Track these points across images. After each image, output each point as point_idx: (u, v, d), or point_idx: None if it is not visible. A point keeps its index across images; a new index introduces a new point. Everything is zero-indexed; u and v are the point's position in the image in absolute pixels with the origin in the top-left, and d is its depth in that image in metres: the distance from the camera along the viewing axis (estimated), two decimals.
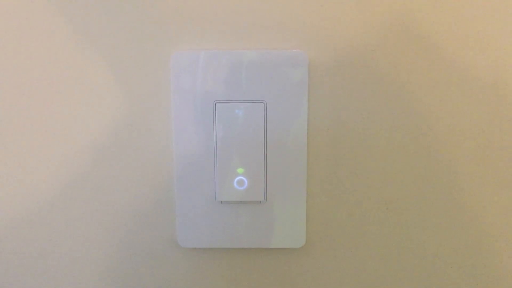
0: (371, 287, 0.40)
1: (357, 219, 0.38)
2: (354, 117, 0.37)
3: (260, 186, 0.36)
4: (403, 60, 0.36)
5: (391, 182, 0.38)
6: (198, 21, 0.35)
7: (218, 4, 0.35)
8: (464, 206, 0.38)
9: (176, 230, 0.38)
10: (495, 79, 0.36)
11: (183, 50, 0.36)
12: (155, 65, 0.36)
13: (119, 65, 0.36)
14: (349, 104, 0.36)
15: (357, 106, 0.36)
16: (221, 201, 0.37)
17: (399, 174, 0.37)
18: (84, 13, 0.35)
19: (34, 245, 0.39)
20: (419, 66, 0.36)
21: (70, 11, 0.35)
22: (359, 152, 0.37)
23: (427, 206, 0.38)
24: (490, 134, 0.36)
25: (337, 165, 0.37)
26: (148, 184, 0.38)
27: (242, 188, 0.36)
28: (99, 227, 0.39)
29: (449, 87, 0.36)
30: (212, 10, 0.35)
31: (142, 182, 0.38)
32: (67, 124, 0.37)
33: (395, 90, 0.36)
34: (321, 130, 0.37)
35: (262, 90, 0.35)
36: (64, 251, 0.39)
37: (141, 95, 0.36)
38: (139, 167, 0.37)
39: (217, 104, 0.36)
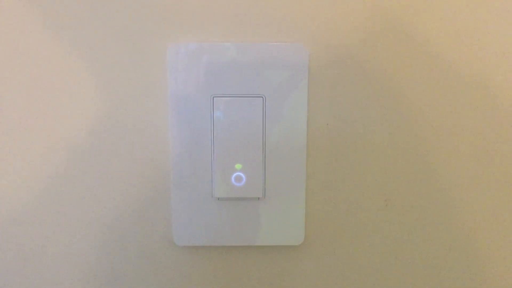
0: (371, 284, 0.39)
1: (356, 216, 0.38)
2: (354, 112, 0.36)
3: (259, 182, 0.36)
4: (404, 54, 0.35)
5: (390, 178, 0.37)
6: (196, 13, 0.34)
7: None
8: (462, 203, 0.38)
9: (172, 228, 0.37)
10: (491, 77, 0.35)
11: (180, 42, 0.35)
12: (151, 57, 0.35)
13: (114, 57, 0.35)
14: (349, 98, 0.36)
15: (357, 101, 0.36)
16: (218, 198, 0.36)
17: (399, 170, 0.37)
18: (79, 3, 0.34)
19: (26, 244, 0.38)
20: (419, 61, 0.35)
21: (63, 2, 0.34)
22: (359, 148, 0.37)
23: (426, 202, 0.38)
24: (487, 131, 0.36)
25: (336, 161, 0.37)
26: (143, 180, 0.37)
27: (240, 185, 0.36)
28: (92, 225, 0.38)
29: (448, 82, 0.36)
30: (211, 1, 0.34)
31: (136, 178, 0.37)
32: (60, 120, 0.36)
33: (396, 85, 0.36)
34: (321, 125, 0.36)
35: (260, 84, 0.35)
36: (56, 249, 0.38)
37: (137, 88, 0.35)
38: (133, 162, 0.36)
39: (214, 98, 0.35)
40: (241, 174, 0.35)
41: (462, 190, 0.37)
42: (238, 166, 0.35)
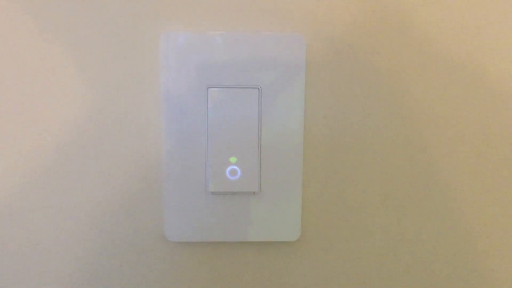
0: (368, 281, 0.38)
1: (354, 211, 0.37)
2: (353, 105, 0.35)
3: (254, 176, 0.35)
4: (404, 46, 0.35)
5: (390, 173, 0.37)
6: (190, 0, 0.33)
7: None
8: (461, 200, 0.37)
9: (163, 223, 0.36)
10: (493, 72, 0.35)
11: (173, 30, 0.34)
12: (143, 46, 0.34)
13: (104, 47, 0.34)
14: (348, 90, 0.35)
15: (355, 93, 0.35)
16: (212, 192, 0.35)
17: (398, 165, 0.36)
18: None
19: (13, 239, 0.37)
20: (419, 53, 0.35)
21: None
22: (358, 141, 0.36)
23: (426, 199, 0.37)
24: (488, 127, 0.36)
25: (334, 155, 0.36)
26: (133, 173, 0.36)
27: (235, 178, 0.35)
28: (81, 220, 0.36)
29: (449, 76, 0.35)
30: None
31: (127, 171, 0.36)
32: (49, 112, 0.34)
33: (396, 77, 0.35)
34: (318, 118, 0.35)
35: (257, 74, 0.34)
36: (43, 245, 0.37)
37: (128, 79, 0.34)
38: (124, 155, 0.35)
39: (209, 89, 0.34)
40: (236, 167, 0.35)
41: (462, 187, 0.37)
42: (233, 159, 0.34)
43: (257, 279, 0.38)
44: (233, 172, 0.35)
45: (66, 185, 0.36)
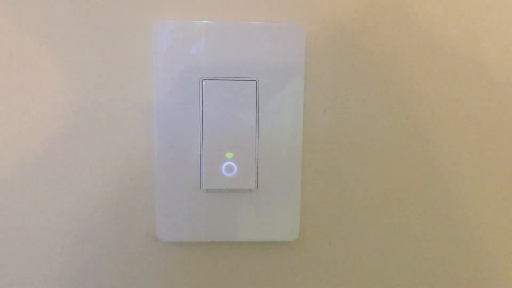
0: (369, 281, 0.37)
1: (355, 210, 0.36)
2: (353, 98, 0.34)
3: (251, 172, 0.34)
4: (407, 35, 0.33)
5: (391, 170, 0.35)
6: None
7: None
8: (464, 196, 0.36)
9: (155, 222, 0.35)
10: (500, 67, 0.34)
11: (167, 19, 0.32)
12: (136, 35, 0.32)
13: (95, 35, 0.32)
14: (348, 82, 0.34)
15: (356, 86, 0.34)
16: (207, 189, 0.34)
17: (400, 161, 0.35)
18: None
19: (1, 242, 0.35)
20: (422, 42, 0.34)
21: None
22: (358, 137, 0.35)
23: (428, 196, 0.36)
24: (492, 120, 0.35)
25: (334, 151, 0.35)
26: (124, 169, 0.34)
27: (231, 175, 0.33)
28: (67, 219, 0.35)
29: (453, 67, 0.34)
30: None
31: (117, 167, 0.34)
32: (37, 102, 0.33)
33: (398, 68, 0.34)
34: (318, 111, 0.34)
35: (254, 66, 0.33)
36: (30, 245, 0.35)
37: (119, 70, 0.33)
38: (114, 150, 0.34)
39: (204, 81, 0.32)
40: (232, 163, 0.33)
41: (466, 184, 0.36)
42: (229, 155, 0.33)
43: (254, 281, 0.37)
44: (229, 168, 0.33)
45: (51, 183, 0.34)
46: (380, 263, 0.37)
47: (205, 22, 0.32)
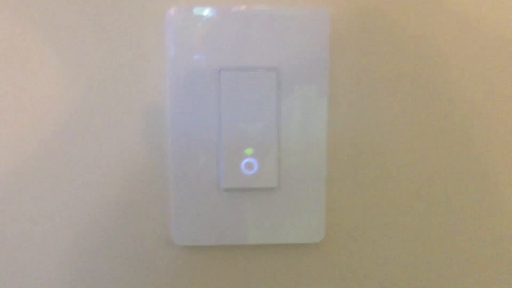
0: (400, 287, 0.35)
1: (384, 210, 0.34)
2: (384, 89, 0.32)
3: (272, 170, 0.32)
4: (440, 19, 0.32)
5: (425, 167, 0.33)
6: None
7: None
8: (501, 196, 0.34)
9: (170, 225, 0.33)
10: None
11: (181, 5, 0.31)
12: (147, 23, 0.31)
13: (104, 23, 0.31)
14: (378, 71, 0.32)
15: (387, 74, 0.32)
16: (225, 189, 0.32)
17: (435, 157, 0.33)
18: None
19: (7, 246, 0.33)
20: (459, 26, 0.32)
21: None
22: (389, 131, 0.33)
23: (467, 196, 0.34)
24: None
25: (362, 146, 0.33)
26: (137, 169, 0.32)
27: (251, 173, 0.32)
28: (76, 222, 0.33)
29: (493, 51, 0.32)
30: None
31: (129, 166, 0.32)
32: (45, 94, 0.31)
33: (433, 55, 0.32)
34: (344, 103, 0.32)
35: (275, 54, 0.31)
36: (37, 248, 0.33)
37: (130, 60, 0.31)
38: (125, 148, 0.32)
39: (222, 72, 0.31)
40: (252, 160, 0.32)
41: (504, 182, 0.34)
42: (248, 151, 0.31)
43: (277, 287, 0.35)
44: (249, 166, 0.32)
45: (59, 183, 0.32)
46: (412, 267, 0.35)
47: (222, 7, 0.30)
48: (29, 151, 0.32)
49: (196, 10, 0.30)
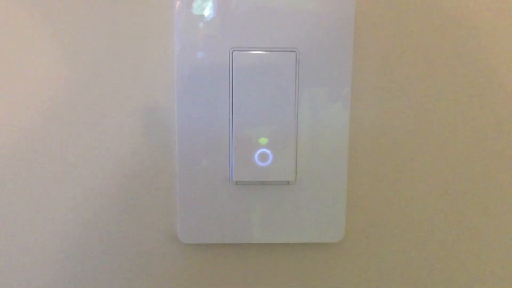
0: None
1: (407, 208, 0.32)
2: (411, 74, 0.30)
3: (289, 162, 0.30)
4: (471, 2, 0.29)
5: (451, 163, 0.32)
6: None
7: None
8: None
9: (176, 222, 0.31)
10: None
11: None
12: (157, 3, 0.29)
13: (109, 5, 0.28)
14: (404, 56, 0.30)
15: (415, 60, 0.30)
16: (237, 182, 0.30)
17: (464, 153, 0.31)
18: None
19: (4, 242, 0.31)
20: (497, 18, 0.29)
21: None
22: (415, 123, 0.31)
23: (494, 196, 0.32)
24: None
25: (386, 138, 0.31)
26: (142, 161, 0.31)
27: (266, 165, 0.30)
28: (78, 217, 0.31)
29: None
30: None
31: (134, 159, 0.31)
32: (43, 83, 0.29)
33: (466, 42, 0.30)
34: (368, 90, 0.30)
35: (293, 34, 0.29)
36: (36, 246, 0.32)
37: (136, 37, 0.29)
38: (130, 140, 0.30)
39: (234, 52, 0.29)
40: (267, 150, 0.29)
41: None
42: (263, 140, 0.29)
43: None
44: (264, 157, 0.30)
45: (66, 180, 0.31)
46: (436, 267, 0.33)
47: None
48: (39, 146, 0.30)
49: None
